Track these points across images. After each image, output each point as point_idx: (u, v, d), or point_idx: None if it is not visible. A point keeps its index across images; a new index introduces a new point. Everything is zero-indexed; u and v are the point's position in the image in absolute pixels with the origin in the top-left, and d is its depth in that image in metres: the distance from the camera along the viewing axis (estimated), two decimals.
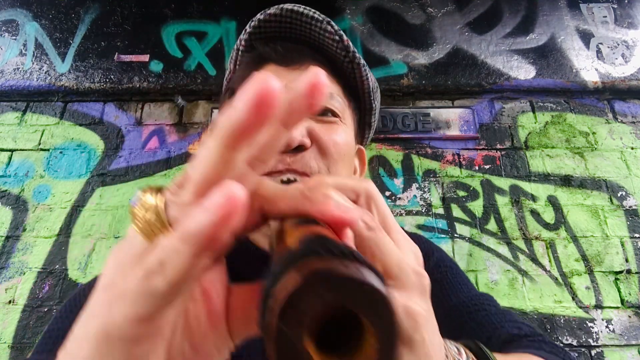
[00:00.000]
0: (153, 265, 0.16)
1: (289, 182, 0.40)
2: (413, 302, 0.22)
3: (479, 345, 0.32)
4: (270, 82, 0.17)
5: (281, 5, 0.49)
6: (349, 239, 0.21)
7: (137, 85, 1.92)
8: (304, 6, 0.49)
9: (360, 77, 0.53)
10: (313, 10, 0.49)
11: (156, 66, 1.96)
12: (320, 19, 0.49)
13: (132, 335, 0.17)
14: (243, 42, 0.53)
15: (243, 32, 0.53)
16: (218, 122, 0.18)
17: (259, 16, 0.50)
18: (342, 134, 0.49)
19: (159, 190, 0.19)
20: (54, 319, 0.47)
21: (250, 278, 0.22)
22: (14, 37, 2.04)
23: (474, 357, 0.31)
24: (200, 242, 0.16)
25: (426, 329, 0.22)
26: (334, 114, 0.49)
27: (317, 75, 0.18)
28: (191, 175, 0.18)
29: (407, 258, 0.23)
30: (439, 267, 0.55)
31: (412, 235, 0.63)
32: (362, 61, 0.51)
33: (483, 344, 0.45)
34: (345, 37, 0.49)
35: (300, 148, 0.44)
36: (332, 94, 0.49)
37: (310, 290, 0.14)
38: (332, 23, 0.49)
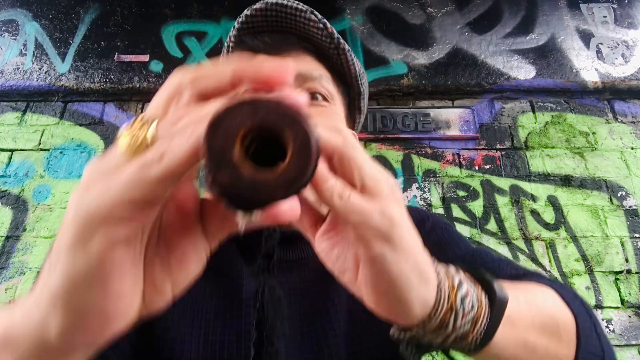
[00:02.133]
0: (151, 157, 0.18)
1: None
2: (388, 206, 0.24)
3: (480, 270, 0.32)
4: (286, 67, 0.20)
5: (266, 0, 0.51)
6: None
7: (137, 85, 1.92)
8: None
9: (346, 62, 0.54)
10: (297, 2, 0.51)
11: (156, 66, 1.96)
12: (304, 9, 0.51)
13: (119, 216, 0.18)
14: (232, 38, 0.55)
15: (232, 28, 0.55)
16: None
17: (246, 12, 0.52)
18: (333, 117, 0.50)
19: (151, 120, 0.21)
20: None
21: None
22: (14, 37, 2.04)
23: (464, 271, 0.32)
24: (200, 142, 0.18)
25: (403, 228, 0.24)
26: (324, 98, 0.50)
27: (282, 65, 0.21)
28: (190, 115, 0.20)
29: (382, 173, 0.26)
30: (434, 229, 0.56)
31: (408, 208, 0.63)
32: (347, 47, 0.53)
33: None
34: (329, 25, 0.51)
35: None
36: (321, 75, 0.51)
37: (234, 109, 0.18)
38: (316, 12, 0.51)
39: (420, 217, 0.59)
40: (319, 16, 0.51)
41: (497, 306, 0.29)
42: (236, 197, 0.19)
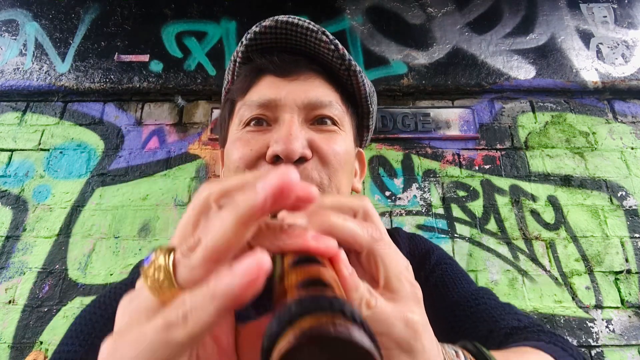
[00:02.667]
0: (175, 317, 0.18)
1: None
2: (411, 312, 0.23)
3: (477, 346, 0.32)
4: (291, 176, 0.20)
5: (276, 17, 0.50)
6: (344, 265, 0.23)
7: (137, 85, 1.92)
8: (298, 17, 0.50)
9: (357, 84, 0.53)
10: (308, 21, 0.50)
11: (156, 66, 1.96)
12: (315, 29, 0.49)
13: None
14: (240, 54, 0.54)
15: (239, 44, 0.54)
16: (237, 201, 0.20)
17: (255, 28, 0.51)
18: (341, 142, 0.50)
19: (170, 250, 0.20)
20: (82, 316, 0.47)
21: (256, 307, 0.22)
22: (14, 37, 2.04)
23: (472, 359, 0.31)
24: (226, 301, 0.18)
25: (425, 337, 0.23)
26: (333, 122, 0.50)
27: (285, 175, 0.20)
28: (203, 242, 0.20)
29: (404, 270, 0.25)
30: (439, 264, 0.56)
31: (412, 235, 0.63)
32: (358, 68, 0.52)
33: (485, 337, 0.45)
34: (340, 46, 0.50)
35: (301, 160, 0.45)
36: (330, 101, 0.50)
37: (301, 350, 0.16)
38: (327, 33, 0.50)
39: (425, 249, 0.58)
40: (331, 37, 0.50)
41: None
42: None
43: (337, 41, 0.50)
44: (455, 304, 0.51)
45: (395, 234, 0.62)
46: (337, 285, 0.21)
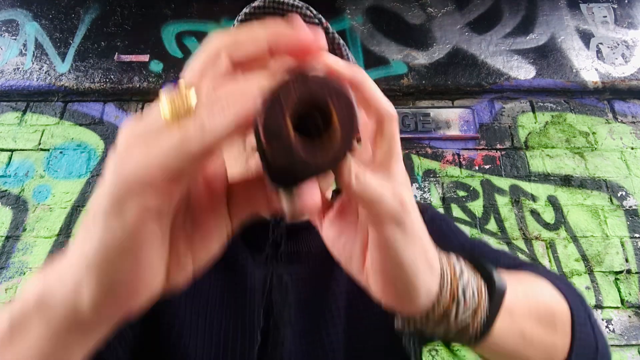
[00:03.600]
0: (192, 128, 0.18)
1: None
2: (401, 189, 0.25)
3: (475, 257, 0.33)
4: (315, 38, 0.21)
5: None
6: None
7: (137, 85, 1.92)
8: None
9: (341, 56, 0.56)
10: None
11: (156, 66, 1.96)
12: (300, 5, 0.52)
13: (156, 186, 0.18)
14: None
15: (232, 26, 0.56)
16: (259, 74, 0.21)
17: (245, 10, 0.54)
18: None
19: (192, 85, 0.20)
20: None
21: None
22: (14, 37, 2.04)
23: (464, 260, 0.32)
24: (241, 116, 0.19)
25: (413, 213, 0.25)
26: None
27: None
28: (224, 102, 0.20)
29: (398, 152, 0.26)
30: (433, 220, 0.57)
31: None
32: (342, 42, 0.55)
33: None
34: (324, 20, 0.53)
35: None
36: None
37: (288, 85, 0.19)
38: (311, 8, 0.53)
39: (420, 209, 0.59)
40: (314, 12, 0.53)
41: (496, 296, 0.29)
42: (289, 170, 0.20)
43: (320, 16, 0.53)
44: (451, 252, 0.52)
45: None
46: None
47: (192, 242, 0.23)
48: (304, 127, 0.21)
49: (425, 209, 0.60)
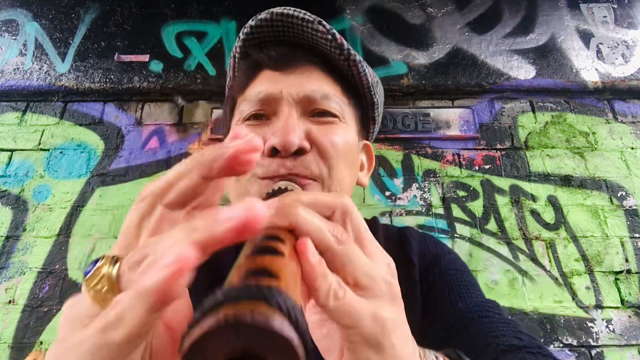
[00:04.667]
0: (110, 319, 0.18)
1: (278, 191, 0.39)
2: (381, 309, 0.23)
3: (460, 355, 0.32)
4: (257, 210, 0.19)
5: (271, 10, 0.49)
6: (311, 255, 0.22)
7: (137, 85, 1.92)
8: (293, 8, 0.49)
9: (357, 74, 0.52)
10: (303, 11, 0.49)
11: (156, 66, 1.96)
12: (311, 19, 0.48)
13: None
14: (238, 50, 0.54)
15: (237, 39, 0.53)
16: (196, 224, 0.19)
17: (251, 22, 0.50)
18: (340, 133, 0.48)
19: (115, 260, 0.20)
20: None
21: None
22: (14, 37, 2.04)
23: None
24: (153, 297, 0.17)
25: (395, 334, 0.23)
26: (332, 115, 0.49)
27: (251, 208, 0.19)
28: (151, 259, 0.19)
29: (377, 268, 0.25)
30: (448, 270, 0.54)
31: (424, 236, 0.62)
32: (358, 57, 0.51)
33: (480, 350, 0.44)
34: (338, 35, 0.49)
35: (300, 152, 0.44)
36: (327, 94, 0.49)
37: (213, 338, 0.15)
38: (324, 22, 0.49)
39: (437, 252, 0.57)
40: (328, 26, 0.49)
41: None
42: None
43: (334, 31, 0.49)
44: (457, 312, 0.50)
45: (407, 232, 0.60)
46: (287, 278, 0.20)
47: None
48: None
49: (442, 255, 0.56)
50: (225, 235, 0.18)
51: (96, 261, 0.20)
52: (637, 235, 1.69)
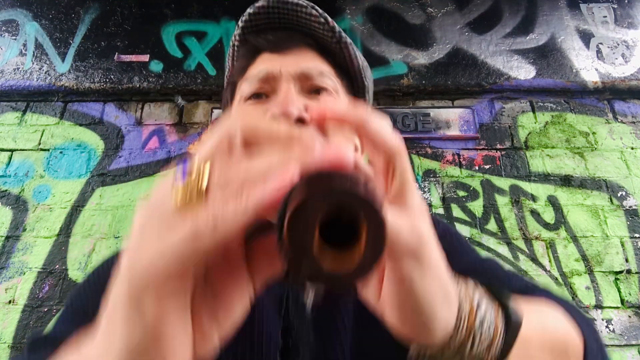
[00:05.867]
0: (204, 225, 0.18)
1: None
2: (418, 222, 0.24)
3: (488, 281, 0.33)
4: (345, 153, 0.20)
5: None
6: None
7: (137, 85, 1.92)
8: None
9: (349, 56, 0.54)
10: None
11: (156, 66, 1.96)
12: (304, 4, 0.51)
13: (172, 277, 0.19)
14: (237, 37, 0.56)
15: (236, 27, 0.56)
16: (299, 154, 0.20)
17: (249, 10, 0.53)
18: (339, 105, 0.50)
19: (204, 169, 0.20)
20: (78, 293, 0.49)
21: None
22: (14, 37, 2.04)
23: (484, 288, 0.31)
24: (256, 211, 0.18)
25: (431, 246, 0.24)
26: (328, 92, 0.51)
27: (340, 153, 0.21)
28: (244, 175, 0.20)
29: (415, 186, 0.26)
30: (445, 235, 0.56)
31: None
32: (349, 40, 0.53)
33: None
34: (330, 19, 0.52)
35: (300, 122, 0.45)
36: (323, 72, 0.51)
37: (313, 200, 0.18)
38: (316, 7, 0.51)
39: (431, 222, 0.59)
40: (320, 11, 0.51)
41: (512, 328, 0.29)
42: (313, 281, 0.19)
43: (326, 15, 0.51)
44: (462, 272, 0.51)
45: None
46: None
47: (214, 312, 0.23)
48: (331, 231, 0.20)
49: (436, 223, 0.57)
50: (319, 165, 0.20)
51: (185, 165, 0.20)
52: (637, 235, 1.69)
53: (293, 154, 0.20)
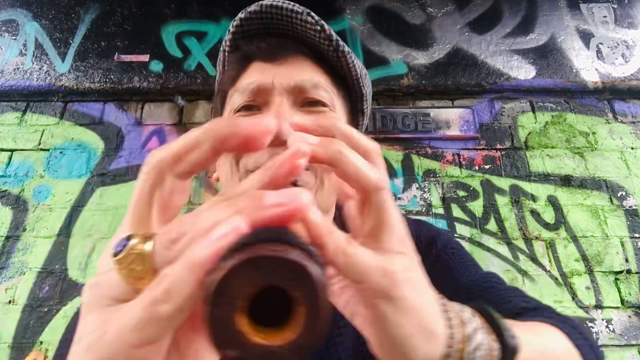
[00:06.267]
0: (159, 293, 0.18)
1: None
2: (390, 262, 0.23)
3: (485, 306, 0.32)
4: (302, 198, 0.20)
5: (260, 2, 0.49)
6: (312, 213, 0.22)
7: (137, 85, 1.92)
8: (282, 0, 0.49)
9: (346, 65, 0.52)
10: (292, 3, 0.49)
11: (156, 66, 1.96)
12: (300, 11, 0.49)
13: (138, 356, 0.18)
14: (228, 43, 0.54)
15: (227, 32, 0.53)
16: (239, 202, 0.20)
17: (241, 15, 0.51)
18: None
19: (146, 238, 0.20)
20: (62, 338, 0.47)
21: None
22: (14, 37, 2.04)
23: (479, 315, 0.31)
24: (204, 270, 0.17)
25: (406, 285, 0.23)
26: (323, 104, 0.49)
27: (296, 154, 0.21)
28: (189, 236, 0.19)
29: (396, 221, 0.25)
30: (446, 249, 0.55)
31: (418, 221, 0.63)
32: (347, 48, 0.51)
33: None
34: (326, 27, 0.49)
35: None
36: (317, 84, 0.49)
37: (236, 275, 0.17)
38: (312, 14, 0.49)
39: (432, 234, 0.58)
40: (316, 18, 0.49)
41: (508, 356, 0.28)
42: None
43: (322, 22, 0.49)
44: (462, 287, 0.51)
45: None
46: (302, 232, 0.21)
47: None
48: (261, 302, 0.18)
49: (437, 236, 0.57)
50: (270, 220, 0.19)
51: (124, 239, 0.20)
52: (637, 235, 1.69)
53: (241, 206, 0.19)
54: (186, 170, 0.21)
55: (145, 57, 1.98)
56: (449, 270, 0.52)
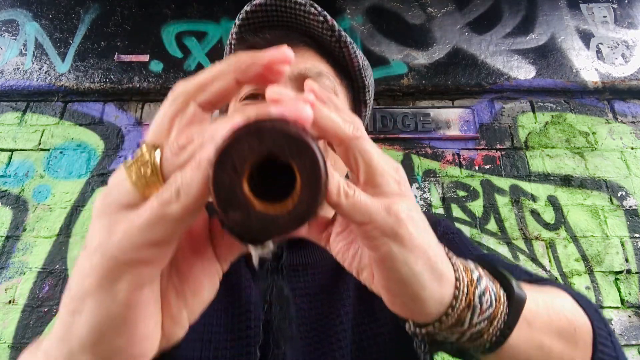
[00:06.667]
0: (169, 194, 0.18)
1: None
2: (393, 203, 0.23)
3: (488, 260, 0.33)
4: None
5: None
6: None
7: (137, 85, 1.92)
8: None
9: (349, 55, 0.53)
10: None
11: (156, 66, 1.96)
12: (303, 2, 0.50)
13: (145, 259, 0.19)
14: (234, 35, 0.55)
15: (233, 25, 0.55)
16: (248, 111, 0.20)
17: (246, 8, 0.52)
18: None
19: (155, 147, 0.20)
20: None
21: None
22: (14, 37, 2.04)
23: (486, 270, 0.30)
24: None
25: (411, 223, 0.23)
26: None
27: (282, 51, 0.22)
28: (196, 143, 0.20)
29: (387, 167, 0.25)
30: (446, 234, 0.56)
31: None
32: (349, 39, 0.52)
33: None
34: (329, 17, 0.50)
35: None
36: (321, 72, 0.50)
37: (241, 141, 0.18)
38: (315, 5, 0.50)
39: (432, 222, 0.58)
40: (319, 9, 0.50)
41: (515, 305, 0.28)
42: (248, 234, 0.19)
43: (325, 13, 0.50)
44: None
45: None
46: None
47: (183, 295, 0.23)
48: (266, 181, 0.19)
49: (437, 223, 0.58)
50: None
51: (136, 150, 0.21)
52: (637, 235, 1.69)
53: (248, 113, 0.20)
54: (209, 100, 0.22)
55: (145, 57, 1.98)
56: (451, 252, 0.53)
